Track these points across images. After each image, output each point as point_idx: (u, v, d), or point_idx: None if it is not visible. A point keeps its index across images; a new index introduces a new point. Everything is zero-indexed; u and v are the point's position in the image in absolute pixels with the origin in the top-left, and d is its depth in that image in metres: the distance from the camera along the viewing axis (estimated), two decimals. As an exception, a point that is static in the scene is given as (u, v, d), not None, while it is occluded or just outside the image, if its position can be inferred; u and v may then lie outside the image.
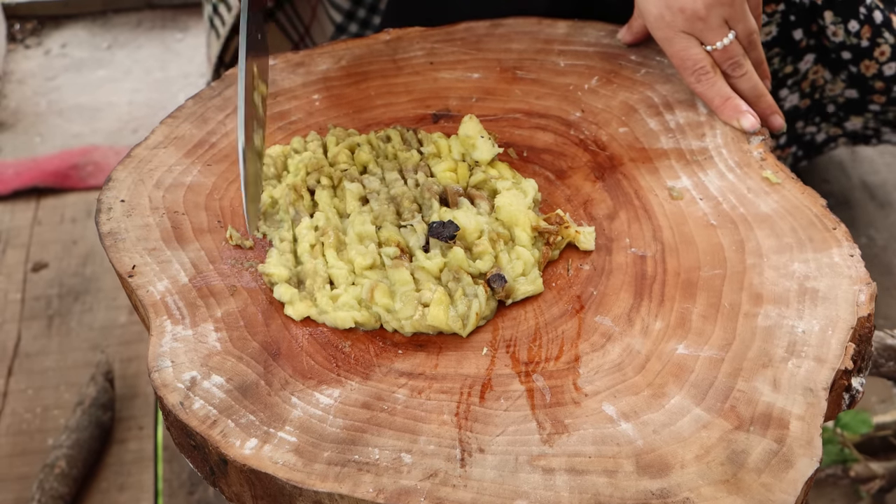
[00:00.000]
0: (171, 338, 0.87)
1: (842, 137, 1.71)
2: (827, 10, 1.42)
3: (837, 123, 1.65)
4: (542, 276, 0.92)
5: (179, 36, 3.10)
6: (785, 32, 1.46)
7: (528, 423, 0.79)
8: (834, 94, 1.56)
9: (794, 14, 1.43)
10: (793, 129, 1.66)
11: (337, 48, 1.26)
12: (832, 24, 1.42)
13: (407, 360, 0.86)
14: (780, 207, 0.97)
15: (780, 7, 1.42)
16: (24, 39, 3.09)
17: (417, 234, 0.94)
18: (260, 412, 0.80)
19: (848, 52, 1.46)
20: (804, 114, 1.63)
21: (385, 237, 0.94)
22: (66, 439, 1.71)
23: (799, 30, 1.46)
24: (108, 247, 0.97)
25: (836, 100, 1.58)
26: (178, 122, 1.14)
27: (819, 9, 1.42)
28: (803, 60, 1.51)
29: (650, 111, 1.12)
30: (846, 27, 1.42)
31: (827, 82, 1.55)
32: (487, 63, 1.22)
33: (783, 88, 1.56)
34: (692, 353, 0.84)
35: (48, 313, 2.07)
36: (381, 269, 0.91)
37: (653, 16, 1.10)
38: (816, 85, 1.56)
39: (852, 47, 1.45)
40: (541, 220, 0.95)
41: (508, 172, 1.03)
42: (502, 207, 0.96)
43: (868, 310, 0.86)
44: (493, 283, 0.89)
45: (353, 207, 0.98)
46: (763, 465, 0.74)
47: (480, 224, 0.93)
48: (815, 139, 1.70)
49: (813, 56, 1.51)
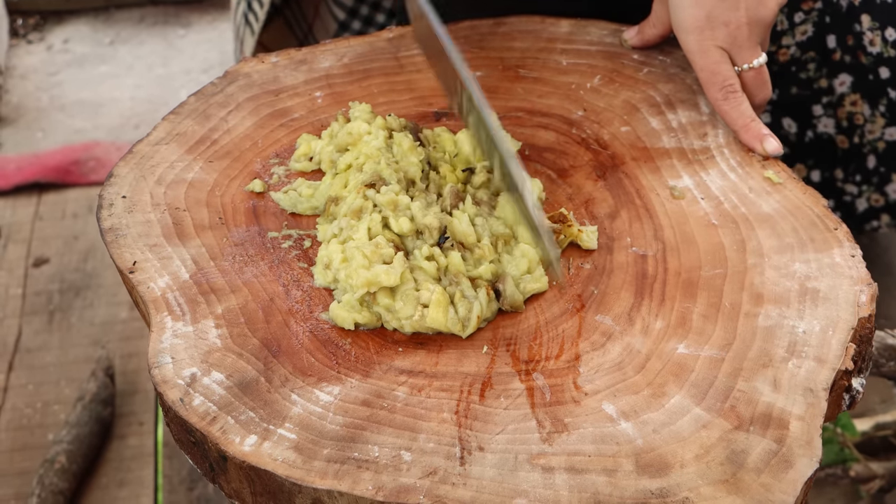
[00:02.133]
0: (171, 334, 0.87)
1: (884, 214, 1.59)
2: (864, 14, 1.37)
3: (878, 187, 1.55)
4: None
5: (182, 32, 3.10)
6: (820, 36, 1.42)
7: (527, 421, 0.79)
8: (874, 137, 1.49)
9: (829, 15, 1.39)
10: (831, 179, 1.58)
11: (339, 45, 1.26)
12: (869, 30, 1.38)
13: (407, 358, 0.86)
14: (782, 207, 0.97)
15: (817, 5, 1.39)
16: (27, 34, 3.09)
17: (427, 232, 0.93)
18: (260, 409, 0.80)
19: (886, 68, 1.40)
20: (843, 159, 1.55)
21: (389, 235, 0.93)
22: (66, 435, 1.71)
23: (832, 36, 1.41)
24: (110, 243, 0.97)
25: (877, 147, 1.50)
26: (180, 118, 1.14)
27: (856, 11, 1.38)
28: (838, 79, 1.45)
29: (652, 110, 1.12)
30: (883, 35, 1.37)
31: (866, 121, 1.47)
32: (490, 61, 1.22)
33: (816, 105, 1.50)
34: (692, 353, 0.84)
35: (49, 308, 2.07)
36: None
37: (690, 25, 1.07)
38: (855, 122, 1.49)
39: (890, 61, 1.39)
40: (545, 218, 0.95)
41: None
42: (505, 206, 0.96)
43: (869, 310, 0.86)
44: (497, 289, 0.89)
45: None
46: (763, 465, 0.74)
47: (476, 231, 0.93)
48: (856, 205, 1.60)
49: (850, 79, 1.45)
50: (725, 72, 1.07)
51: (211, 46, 3.01)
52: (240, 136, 1.11)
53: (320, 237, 0.97)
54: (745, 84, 1.08)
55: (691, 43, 1.08)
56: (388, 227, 0.93)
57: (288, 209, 1.02)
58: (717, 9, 1.05)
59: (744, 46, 1.07)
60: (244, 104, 1.16)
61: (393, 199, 0.94)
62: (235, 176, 1.06)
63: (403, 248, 0.92)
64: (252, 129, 1.12)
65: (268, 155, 1.09)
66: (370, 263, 0.89)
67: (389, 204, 0.94)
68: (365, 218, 0.93)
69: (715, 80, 1.07)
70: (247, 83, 1.19)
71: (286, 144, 1.11)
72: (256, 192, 1.04)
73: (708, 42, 1.07)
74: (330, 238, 0.95)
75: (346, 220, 0.94)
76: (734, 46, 1.06)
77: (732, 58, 1.07)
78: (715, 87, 1.07)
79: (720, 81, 1.07)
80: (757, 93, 1.09)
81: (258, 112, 1.15)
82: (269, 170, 1.07)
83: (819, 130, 1.53)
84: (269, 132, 1.12)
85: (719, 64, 1.07)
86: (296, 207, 1.02)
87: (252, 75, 1.20)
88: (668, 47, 1.20)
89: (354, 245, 0.91)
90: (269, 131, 1.12)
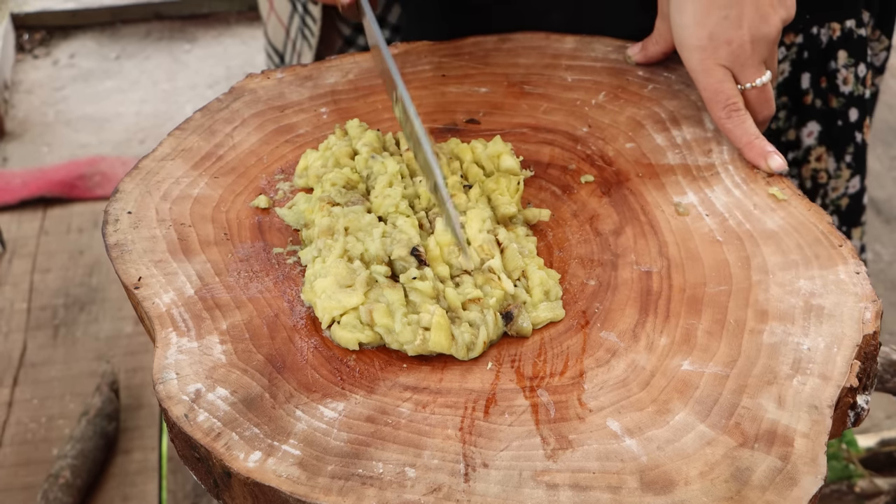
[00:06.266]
0: (176, 350, 0.87)
1: None
2: (841, 50, 1.38)
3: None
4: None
5: (187, 47, 3.11)
6: (795, 76, 1.41)
7: (532, 438, 0.79)
8: (837, 195, 1.49)
9: (808, 50, 1.39)
10: None
11: (345, 61, 1.27)
12: (844, 66, 1.38)
13: (411, 374, 0.86)
14: (787, 224, 0.97)
15: (798, 39, 1.39)
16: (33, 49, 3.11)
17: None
18: (264, 425, 0.80)
19: (855, 109, 1.41)
20: None
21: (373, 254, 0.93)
22: (70, 449, 1.71)
23: (807, 75, 1.41)
24: (115, 258, 0.97)
25: (839, 205, 1.50)
26: (185, 133, 1.14)
27: (835, 46, 1.38)
28: (807, 128, 1.45)
29: (657, 127, 1.12)
30: (856, 71, 1.38)
31: (831, 177, 1.47)
32: (495, 77, 1.22)
33: None
34: (697, 370, 0.83)
35: (54, 323, 2.08)
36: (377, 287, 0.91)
37: (692, 43, 1.07)
38: (819, 181, 1.48)
39: (859, 101, 1.40)
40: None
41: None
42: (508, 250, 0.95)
43: (874, 327, 0.86)
44: (510, 314, 0.89)
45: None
46: (767, 483, 0.74)
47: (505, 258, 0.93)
48: None
49: (818, 129, 1.44)
50: (728, 90, 1.07)
51: (216, 61, 3.02)
52: (245, 152, 1.12)
53: (303, 259, 0.97)
54: (749, 102, 1.08)
55: (694, 61, 1.08)
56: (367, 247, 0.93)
57: (293, 225, 1.02)
58: (720, 27, 1.05)
59: (747, 65, 1.07)
60: (250, 120, 1.16)
61: (355, 220, 0.94)
62: (241, 192, 1.06)
63: (392, 268, 0.93)
64: (257, 145, 1.13)
65: (273, 171, 1.10)
66: (338, 287, 0.89)
67: (352, 223, 0.94)
68: (339, 239, 0.94)
69: (718, 98, 1.07)
70: (252, 99, 1.19)
71: (291, 160, 1.11)
72: (261, 207, 1.04)
73: (710, 61, 1.07)
74: (313, 259, 0.95)
75: (322, 241, 0.95)
76: (737, 65, 1.06)
77: (736, 76, 1.07)
78: (718, 105, 1.07)
79: (723, 100, 1.07)
80: (760, 110, 1.09)
81: (264, 128, 1.15)
82: (274, 185, 1.08)
83: None
84: (274, 148, 1.12)
85: (722, 83, 1.07)
86: (299, 223, 1.02)
87: (257, 91, 1.21)
88: (672, 64, 1.20)
89: (322, 269, 0.91)
90: (275, 147, 1.13)
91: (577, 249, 0.98)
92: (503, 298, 0.90)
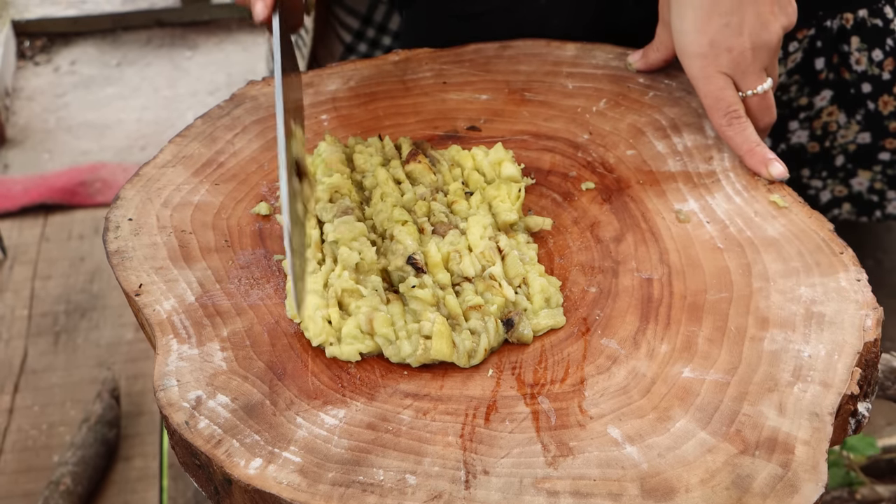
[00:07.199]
0: (176, 357, 0.87)
1: (846, 202, 1.64)
2: (854, 36, 1.39)
3: (844, 180, 1.60)
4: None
5: (188, 54, 3.11)
6: (808, 60, 1.43)
7: (532, 445, 0.79)
8: (846, 140, 1.52)
9: (821, 40, 1.40)
10: (797, 178, 1.61)
11: (346, 68, 1.27)
12: (857, 50, 1.40)
13: (412, 381, 0.86)
14: (787, 231, 0.97)
15: (810, 32, 1.40)
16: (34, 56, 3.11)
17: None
18: (265, 432, 0.80)
19: (868, 83, 1.43)
20: (811, 161, 1.58)
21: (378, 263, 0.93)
22: (71, 456, 1.71)
23: (821, 59, 1.43)
24: (116, 265, 0.97)
25: (847, 148, 1.53)
26: (186, 140, 1.14)
27: (847, 33, 1.39)
28: (819, 95, 1.47)
29: (658, 134, 1.12)
30: (870, 55, 1.39)
31: (840, 127, 1.50)
32: (496, 84, 1.22)
33: (793, 121, 1.52)
34: (698, 377, 0.83)
35: (55, 330, 2.08)
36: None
37: (693, 51, 1.07)
38: (829, 130, 1.51)
39: (873, 78, 1.42)
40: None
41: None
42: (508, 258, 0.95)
43: (875, 335, 0.86)
44: (511, 320, 0.89)
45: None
46: (768, 490, 0.74)
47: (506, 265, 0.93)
48: (820, 197, 1.64)
49: (830, 94, 1.47)
50: (729, 97, 1.07)
51: (217, 68, 3.02)
52: (246, 159, 1.12)
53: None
54: (750, 109, 1.08)
55: (695, 69, 1.08)
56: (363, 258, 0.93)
57: None
58: (720, 35, 1.05)
59: (748, 72, 1.07)
60: (251, 127, 1.16)
61: (346, 231, 0.94)
62: (241, 199, 1.07)
63: (389, 279, 0.93)
64: (258, 152, 1.13)
65: (274, 178, 1.10)
66: (327, 306, 0.89)
67: (342, 235, 0.94)
68: (327, 262, 0.94)
69: (719, 105, 1.07)
70: (253, 106, 1.19)
71: (292, 167, 1.11)
72: (262, 214, 1.04)
73: (711, 68, 1.07)
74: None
75: (310, 252, 0.95)
76: (738, 72, 1.06)
77: (737, 83, 1.07)
78: (719, 112, 1.07)
79: (724, 107, 1.07)
80: (761, 118, 1.09)
81: (265, 135, 1.15)
82: (274, 193, 1.08)
83: (792, 142, 1.55)
84: (275, 155, 1.12)
85: (723, 90, 1.07)
86: None
87: (259, 98, 1.21)
88: (673, 71, 1.20)
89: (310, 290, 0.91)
90: (275, 154, 1.13)
91: (577, 256, 0.98)
92: (504, 305, 0.90)
